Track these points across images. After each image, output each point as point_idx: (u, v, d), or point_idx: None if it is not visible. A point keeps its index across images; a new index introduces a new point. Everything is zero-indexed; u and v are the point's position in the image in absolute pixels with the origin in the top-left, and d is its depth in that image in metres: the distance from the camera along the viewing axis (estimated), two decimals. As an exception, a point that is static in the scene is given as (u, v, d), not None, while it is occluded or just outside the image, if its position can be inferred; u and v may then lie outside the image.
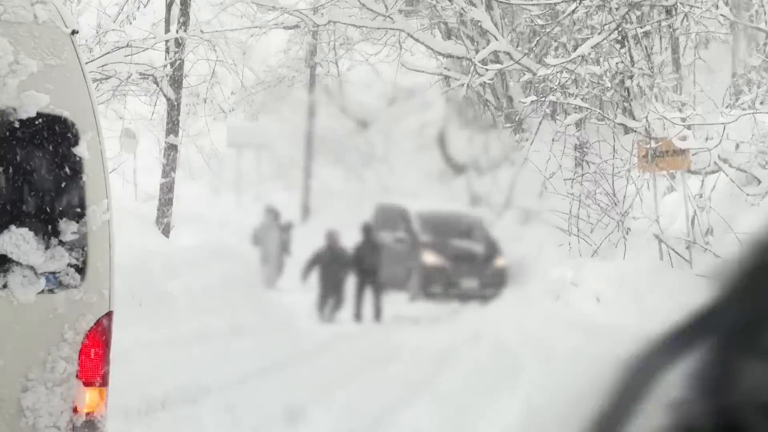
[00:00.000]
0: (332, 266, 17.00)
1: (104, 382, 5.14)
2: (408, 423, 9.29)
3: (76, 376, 5.03)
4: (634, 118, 14.23)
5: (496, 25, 17.71)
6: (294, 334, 14.24)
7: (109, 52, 14.67)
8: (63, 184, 5.04)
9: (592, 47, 13.75)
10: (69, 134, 5.06)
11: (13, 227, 4.89)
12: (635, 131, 14.06)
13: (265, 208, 18.39)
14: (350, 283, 17.08)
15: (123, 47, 14.70)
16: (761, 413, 1.52)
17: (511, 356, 12.01)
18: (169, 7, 16.29)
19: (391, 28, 18.10)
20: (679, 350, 1.60)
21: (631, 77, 14.04)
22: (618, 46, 14.26)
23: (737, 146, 13.51)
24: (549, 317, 14.31)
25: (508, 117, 18.61)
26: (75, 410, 5.04)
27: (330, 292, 17.03)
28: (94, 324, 5.08)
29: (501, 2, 16.47)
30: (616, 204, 14.94)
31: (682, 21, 14.48)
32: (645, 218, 14.17)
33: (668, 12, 14.57)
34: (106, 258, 5.13)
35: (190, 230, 16.99)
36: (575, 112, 14.53)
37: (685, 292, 12.32)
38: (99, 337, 5.10)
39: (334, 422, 9.35)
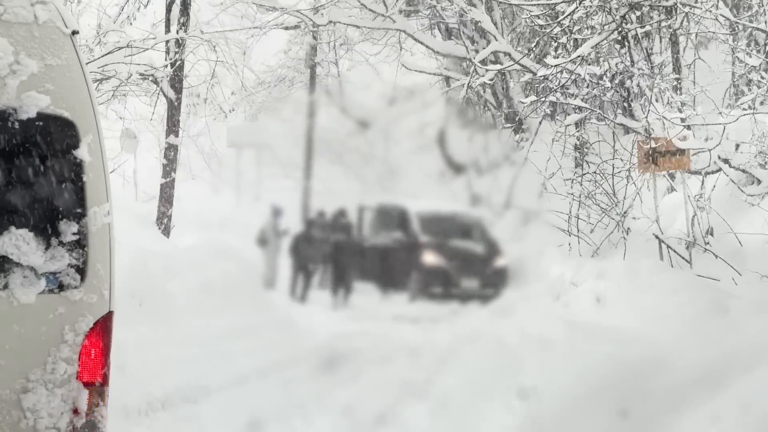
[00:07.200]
0: (304, 244, 17.11)
1: (104, 383, 5.13)
2: (408, 423, 9.29)
3: (77, 376, 5.02)
4: (634, 118, 14.23)
5: (496, 25, 17.73)
6: (294, 334, 14.22)
7: (109, 53, 14.68)
8: (63, 185, 5.02)
9: (592, 47, 13.75)
10: (69, 135, 5.05)
11: (13, 228, 4.89)
12: (635, 131, 14.05)
13: (271, 209, 18.38)
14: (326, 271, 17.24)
15: (123, 47, 14.72)
16: None
17: (511, 356, 11.98)
18: (169, 7, 16.31)
19: (391, 29, 18.12)
20: None
21: (631, 77, 14.04)
22: (618, 46, 14.26)
23: (737, 146, 13.52)
24: (549, 317, 14.28)
25: (508, 117, 18.63)
26: (75, 411, 5.03)
27: (300, 269, 17.16)
28: (94, 324, 5.07)
29: (501, 2, 16.48)
30: (616, 204, 14.94)
31: (682, 21, 14.49)
32: (645, 218, 14.16)
33: (668, 12, 14.57)
34: (106, 259, 5.12)
35: (190, 230, 16.99)
36: (575, 113, 14.53)
37: (685, 292, 12.32)
38: (99, 338, 5.08)
39: (334, 422, 9.35)
